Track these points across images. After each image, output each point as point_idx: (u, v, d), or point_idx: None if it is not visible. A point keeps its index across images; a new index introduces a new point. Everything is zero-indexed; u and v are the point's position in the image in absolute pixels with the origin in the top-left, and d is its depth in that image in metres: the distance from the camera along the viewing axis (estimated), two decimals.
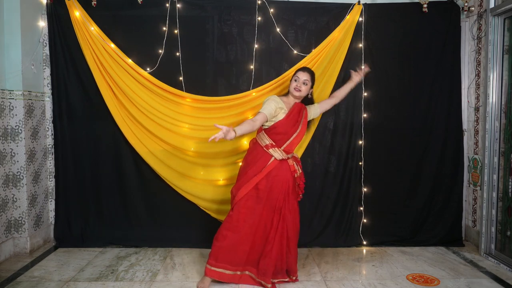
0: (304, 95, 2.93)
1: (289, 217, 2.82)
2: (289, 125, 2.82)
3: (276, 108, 2.79)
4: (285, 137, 2.81)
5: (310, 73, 2.94)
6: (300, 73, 2.92)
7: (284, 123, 2.80)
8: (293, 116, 2.84)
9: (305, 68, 2.98)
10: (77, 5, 3.46)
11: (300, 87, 2.87)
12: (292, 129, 2.83)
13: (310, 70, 2.97)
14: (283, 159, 2.80)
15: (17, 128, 3.33)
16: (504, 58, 3.34)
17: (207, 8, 3.59)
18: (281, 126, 2.80)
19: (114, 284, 2.86)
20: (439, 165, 3.69)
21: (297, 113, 2.87)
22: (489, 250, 3.43)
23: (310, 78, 2.92)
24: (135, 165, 3.63)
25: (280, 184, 2.78)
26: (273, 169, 2.77)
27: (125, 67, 3.47)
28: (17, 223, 3.39)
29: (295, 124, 2.84)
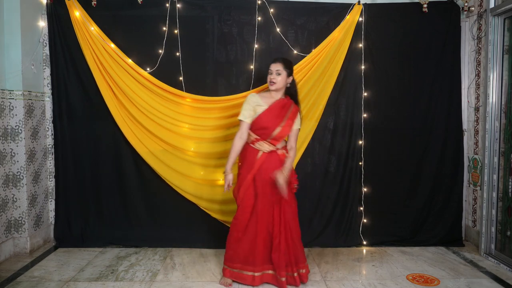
0: (281, 85, 2.82)
1: (288, 209, 2.79)
2: (270, 120, 2.76)
3: (252, 106, 2.79)
4: (268, 131, 2.77)
5: (283, 61, 2.83)
6: (272, 65, 2.83)
7: (264, 118, 2.76)
8: (274, 111, 2.78)
9: (276, 59, 2.88)
10: (77, 5, 3.46)
11: (274, 79, 2.79)
12: (275, 122, 2.76)
13: (283, 59, 2.88)
14: (272, 150, 2.78)
15: (17, 128, 3.33)
16: (504, 58, 3.34)
17: (207, 8, 3.59)
18: (261, 121, 2.77)
19: (114, 284, 2.86)
20: (439, 165, 3.69)
21: (279, 108, 2.80)
22: (489, 250, 3.43)
23: (284, 67, 2.80)
24: (135, 165, 3.64)
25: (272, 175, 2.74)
26: (263, 162, 2.76)
27: (125, 67, 3.47)
28: (17, 223, 3.39)
29: (278, 118, 2.77)
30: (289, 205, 2.80)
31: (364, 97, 3.65)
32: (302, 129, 3.53)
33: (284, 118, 2.79)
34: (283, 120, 2.78)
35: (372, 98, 3.66)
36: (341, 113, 3.67)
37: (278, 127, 2.77)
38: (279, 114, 2.78)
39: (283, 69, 2.80)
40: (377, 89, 3.66)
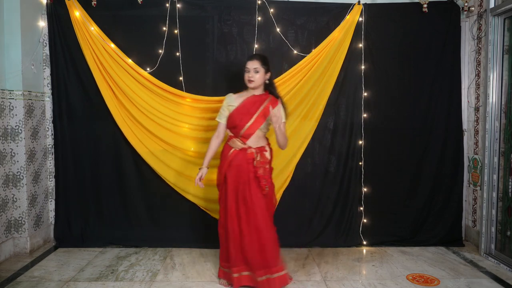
0: (259, 83, 2.79)
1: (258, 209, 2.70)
2: (237, 118, 2.76)
3: (226, 107, 2.83)
4: (237, 129, 2.77)
5: (260, 58, 2.80)
6: (249, 62, 2.79)
7: (233, 116, 2.79)
8: (243, 109, 2.77)
9: (252, 56, 2.87)
10: (77, 5, 3.46)
11: (252, 77, 2.76)
12: (244, 120, 2.75)
13: (260, 55, 2.86)
14: (244, 148, 2.76)
15: (17, 128, 3.33)
16: (504, 58, 3.34)
17: (207, 8, 3.59)
18: (231, 120, 2.80)
19: (114, 284, 2.86)
20: (439, 165, 3.69)
21: (250, 105, 2.77)
22: (489, 250, 3.43)
23: (261, 64, 2.77)
24: (135, 165, 3.64)
25: (240, 173, 2.73)
26: (233, 159, 2.76)
27: (125, 67, 3.47)
28: (17, 223, 3.39)
29: (247, 115, 2.75)
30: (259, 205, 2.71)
31: (364, 97, 3.65)
32: (302, 129, 3.56)
33: (254, 115, 2.75)
34: (252, 117, 2.75)
35: (372, 98, 3.66)
36: (341, 113, 3.67)
37: (247, 124, 2.75)
38: (248, 112, 2.76)
39: (260, 66, 2.77)
40: (377, 89, 3.66)
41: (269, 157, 2.81)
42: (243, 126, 2.75)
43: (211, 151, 2.87)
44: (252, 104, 2.78)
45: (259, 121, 2.76)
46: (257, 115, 2.76)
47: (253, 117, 2.75)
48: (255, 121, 2.75)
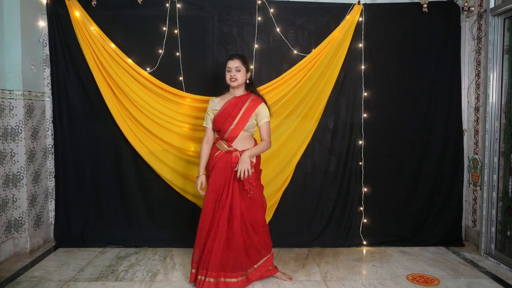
0: (242, 81, 2.80)
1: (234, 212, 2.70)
2: (220, 122, 2.77)
3: (210, 112, 2.86)
4: (221, 133, 2.80)
5: (240, 57, 2.82)
6: (230, 62, 2.79)
7: (215, 121, 2.82)
8: (225, 113, 2.77)
9: (233, 55, 2.85)
10: (77, 5, 3.46)
11: (235, 76, 2.76)
12: (224, 125, 2.76)
13: (239, 55, 2.86)
14: (229, 150, 2.76)
15: (17, 128, 3.33)
16: (504, 58, 3.34)
17: (207, 8, 3.59)
18: (215, 124, 2.82)
19: (114, 284, 2.86)
20: (439, 165, 3.69)
21: (232, 107, 2.78)
22: (489, 250, 3.43)
23: (242, 63, 2.79)
24: (135, 165, 3.64)
25: (223, 176, 2.73)
26: (218, 160, 2.77)
27: (125, 67, 3.47)
28: (17, 223, 3.39)
29: (229, 118, 2.75)
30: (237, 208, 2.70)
31: (364, 97, 3.65)
32: (302, 129, 3.56)
33: (237, 117, 2.75)
34: (235, 120, 2.75)
35: (372, 98, 3.66)
36: (341, 113, 3.67)
37: (230, 127, 2.76)
38: (230, 115, 2.76)
39: (241, 65, 2.78)
40: (377, 89, 3.66)
41: (254, 160, 2.78)
42: (226, 129, 2.76)
43: (204, 158, 2.86)
44: (234, 106, 2.78)
45: (242, 122, 2.75)
46: (239, 116, 2.76)
47: (235, 119, 2.75)
48: (238, 122, 2.75)
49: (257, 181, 2.84)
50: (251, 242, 2.79)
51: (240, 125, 2.75)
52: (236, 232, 2.70)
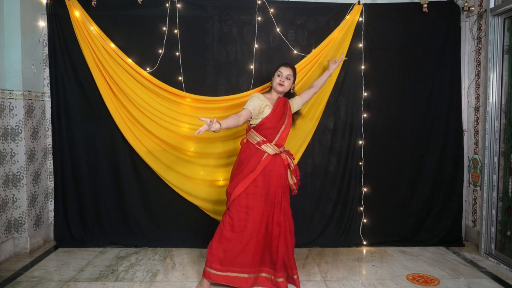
0: (287, 89, 2.93)
1: (287, 212, 2.85)
2: (276, 119, 2.83)
3: (260, 105, 2.79)
4: (274, 131, 2.82)
5: (293, 68, 2.96)
6: (283, 68, 2.91)
7: (271, 118, 2.82)
8: (279, 110, 2.85)
9: (287, 63, 2.97)
10: (77, 5, 3.46)
11: (283, 82, 2.88)
12: (280, 122, 2.84)
13: (293, 66, 2.99)
14: (276, 153, 2.81)
15: (17, 128, 3.33)
16: (504, 58, 3.34)
17: (207, 8, 3.59)
18: (269, 121, 2.81)
19: (114, 284, 2.86)
20: (439, 165, 3.69)
21: (282, 107, 2.89)
22: (489, 250, 3.43)
23: (293, 73, 2.93)
24: (135, 165, 3.63)
25: (276, 178, 2.79)
26: (267, 164, 2.78)
27: (125, 67, 3.47)
28: (17, 223, 3.39)
29: (282, 117, 2.86)
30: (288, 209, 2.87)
31: (364, 97, 3.65)
32: (302, 129, 3.57)
33: (286, 116, 2.88)
34: (285, 119, 2.88)
35: (372, 98, 3.66)
36: (341, 113, 3.67)
37: (282, 126, 2.85)
38: (284, 112, 2.88)
39: (292, 75, 2.92)
40: (377, 89, 3.66)
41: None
42: (280, 127, 2.83)
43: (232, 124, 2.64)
44: (284, 106, 2.90)
45: (289, 122, 2.91)
46: (288, 116, 2.90)
47: (285, 119, 2.88)
48: (287, 122, 2.88)
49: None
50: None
51: (288, 125, 2.90)
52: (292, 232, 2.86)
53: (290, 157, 2.92)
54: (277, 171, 2.80)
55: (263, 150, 2.80)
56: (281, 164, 2.83)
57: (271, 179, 2.78)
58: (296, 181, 2.94)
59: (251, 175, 2.76)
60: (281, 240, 2.78)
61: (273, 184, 2.78)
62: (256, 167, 2.77)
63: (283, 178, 2.83)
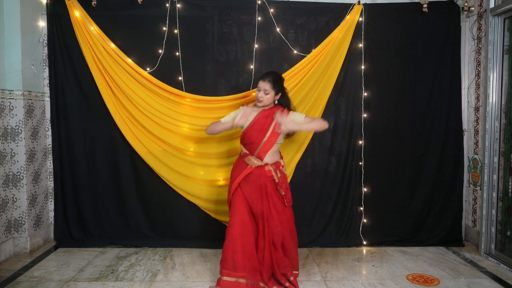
0: (268, 103, 2.78)
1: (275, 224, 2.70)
2: (253, 134, 2.74)
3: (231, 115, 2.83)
4: (254, 145, 2.74)
5: (271, 80, 2.74)
6: (260, 82, 2.76)
7: (248, 132, 2.76)
8: (257, 125, 2.75)
9: (265, 76, 2.78)
10: (77, 5, 3.46)
11: (261, 98, 2.74)
12: (258, 137, 2.73)
13: (271, 78, 2.76)
14: (260, 165, 2.73)
15: (17, 128, 3.33)
16: (504, 58, 3.34)
17: (207, 8, 3.59)
18: (246, 136, 2.78)
19: (114, 284, 2.86)
20: (439, 165, 3.69)
21: (263, 120, 2.76)
22: (489, 250, 3.43)
23: (271, 87, 2.74)
24: (135, 165, 3.63)
25: (257, 189, 2.72)
26: (250, 173, 2.73)
27: (125, 67, 3.47)
28: (17, 223, 3.39)
29: (261, 132, 2.73)
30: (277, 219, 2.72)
31: (364, 97, 3.65)
32: None
33: (269, 130, 2.73)
34: (267, 132, 2.73)
35: (372, 98, 3.66)
36: (341, 113, 3.67)
37: (263, 139, 2.73)
38: (263, 128, 2.74)
39: (271, 89, 2.74)
40: (377, 89, 3.66)
41: (285, 171, 2.83)
42: (260, 141, 2.73)
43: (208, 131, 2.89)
44: (266, 118, 2.76)
45: (274, 135, 2.74)
46: (271, 129, 2.74)
47: (268, 132, 2.73)
48: (270, 135, 2.73)
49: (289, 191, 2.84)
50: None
51: (272, 137, 2.73)
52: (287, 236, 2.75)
53: (278, 169, 2.77)
54: (259, 183, 2.72)
55: (246, 163, 2.77)
56: (263, 176, 2.73)
57: (253, 190, 2.72)
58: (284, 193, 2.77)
59: (238, 179, 2.75)
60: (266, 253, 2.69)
61: (254, 195, 2.71)
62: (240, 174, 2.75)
63: (265, 190, 2.72)
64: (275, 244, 2.72)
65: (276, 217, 2.72)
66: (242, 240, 2.66)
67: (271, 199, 2.73)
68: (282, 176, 2.79)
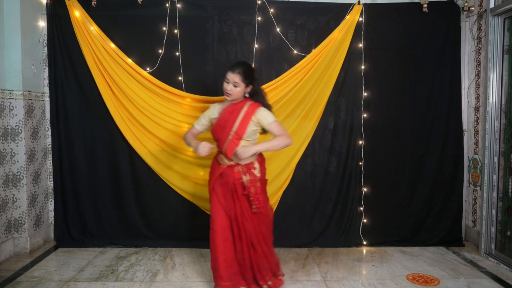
0: (237, 97, 2.57)
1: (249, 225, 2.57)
2: (217, 131, 2.60)
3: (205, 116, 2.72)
4: (220, 143, 2.60)
5: (241, 72, 2.52)
6: (229, 74, 2.53)
7: (213, 129, 2.65)
8: (221, 121, 2.59)
9: (235, 67, 2.54)
10: (77, 5, 3.46)
11: (230, 91, 2.53)
12: (223, 134, 2.56)
13: (242, 68, 2.54)
14: (230, 165, 2.58)
15: (17, 128, 3.33)
16: (504, 58, 3.34)
17: (207, 8, 3.59)
18: (212, 133, 2.66)
19: (114, 284, 2.86)
20: (439, 165, 3.69)
21: (227, 115, 2.58)
22: (489, 250, 3.43)
23: (241, 79, 2.51)
24: (135, 165, 3.63)
25: (229, 191, 2.59)
26: (222, 173, 2.60)
27: (125, 67, 3.47)
28: (17, 223, 3.39)
29: (225, 129, 2.55)
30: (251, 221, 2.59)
31: (364, 97, 3.65)
32: (302, 129, 3.56)
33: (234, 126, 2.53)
34: (232, 128, 2.53)
35: (372, 98, 3.66)
36: (341, 113, 3.67)
37: (228, 137, 2.54)
38: (227, 123, 2.55)
39: (241, 82, 2.52)
40: (377, 89, 3.66)
41: (258, 174, 2.60)
42: (225, 139, 2.55)
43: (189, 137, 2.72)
44: (230, 114, 2.57)
45: (241, 131, 2.52)
46: (237, 125, 2.53)
47: (232, 128, 2.53)
48: (236, 131, 2.52)
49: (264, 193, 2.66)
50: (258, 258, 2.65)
51: (239, 133, 2.52)
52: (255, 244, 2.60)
53: (248, 171, 2.56)
54: (229, 184, 2.58)
55: (219, 162, 2.65)
56: (233, 177, 2.57)
57: (225, 191, 2.61)
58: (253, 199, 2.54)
59: (210, 184, 2.68)
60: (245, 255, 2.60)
61: (226, 196, 2.60)
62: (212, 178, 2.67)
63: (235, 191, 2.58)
64: (253, 245, 2.60)
65: (249, 218, 2.58)
66: (223, 247, 2.58)
67: (243, 202, 2.57)
68: (253, 179, 2.56)
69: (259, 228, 2.62)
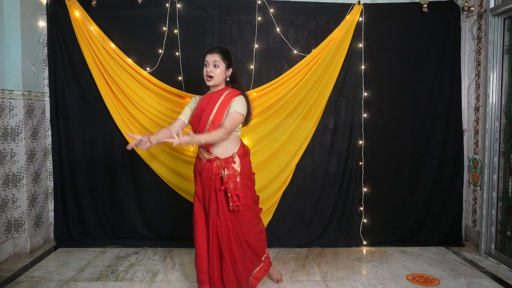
0: (220, 80, 2.46)
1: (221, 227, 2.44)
2: (195, 122, 2.50)
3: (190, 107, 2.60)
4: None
5: (220, 51, 2.46)
6: (208, 56, 2.45)
7: (191, 122, 2.56)
8: (198, 111, 2.49)
9: (212, 49, 2.49)
10: (77, 5, 3.46)
11: (211, 72, 2.43)
12: (200, 126, 2.45)
13: (220, 48, 2.49)
14: (210, 159, 2.46)
15: (17, 128, 3.33)
16: (504, 58, 3.34)
17: (207, 8, 3.59)
18: (191, 126, 2.56)
19: (114, 284, 2.87)
20: (439, 165, 3.69)
21: (204, 104, 2.47)
22: (489, 250, 3.43)
23: (222, 58, 2.44)
24: (134, 165, 3.63)
25: (208, 187, 2.47)
26: (202, 170, 2.49)
27: (125, 67, 3.47)
28: (17, 223, 3.39)
29: (202, 119, 2.44)
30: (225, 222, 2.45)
31: (364, 97, 3.65)
32: (302, 129, 3.56)
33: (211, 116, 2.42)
34: (208, 119, 2.42)
35: (372, 98, 3.66)
36: (341, 113, 3.67)
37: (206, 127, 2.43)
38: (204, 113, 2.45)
39: (221, 61, 2.44)
40: (377, 89, 3.66)
41: (238, 168, 2.43)
42: (202, 131, 2.43)
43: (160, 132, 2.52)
44: (207, 103, 2.46)
45: (217, 120, 2.40)
46: (213, 114, 2.42)
47: (209, 118, 2.41)
48: (213, 121, 2.41)
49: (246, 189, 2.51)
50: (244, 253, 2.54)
51: (215, 123, 2.40)
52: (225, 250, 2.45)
53: (227, 165, 2.42)
54: (207, 180, 2.45)
55: (199, 157, 2.53)
56: (210, 172, 2.44)
57: (204, 187, 2.49)
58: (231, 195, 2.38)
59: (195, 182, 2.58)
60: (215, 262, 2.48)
61: (206, 193, 2.49)
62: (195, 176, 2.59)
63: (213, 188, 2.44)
64: (221, 251, 2.45)
65: (223, 220, 2.44)
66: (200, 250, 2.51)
67: (221, 200, 2.43)
68: (232, 174, 2.40)
69: (234, 231, 2.46)
